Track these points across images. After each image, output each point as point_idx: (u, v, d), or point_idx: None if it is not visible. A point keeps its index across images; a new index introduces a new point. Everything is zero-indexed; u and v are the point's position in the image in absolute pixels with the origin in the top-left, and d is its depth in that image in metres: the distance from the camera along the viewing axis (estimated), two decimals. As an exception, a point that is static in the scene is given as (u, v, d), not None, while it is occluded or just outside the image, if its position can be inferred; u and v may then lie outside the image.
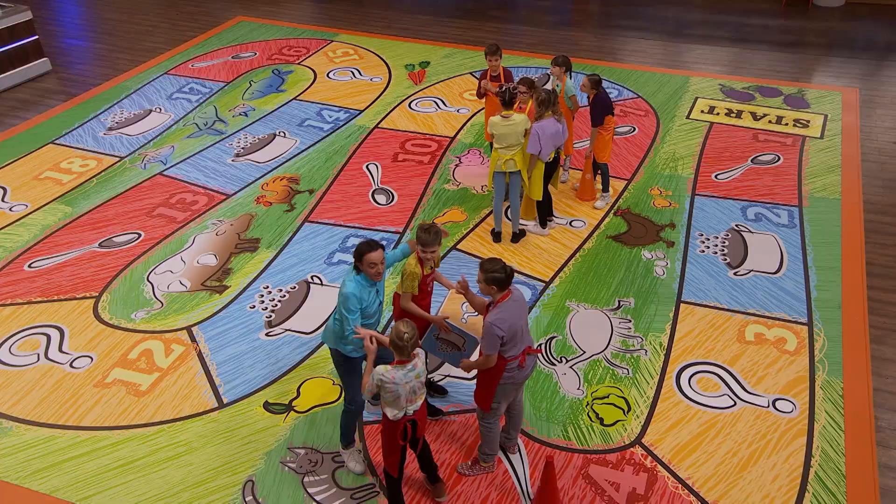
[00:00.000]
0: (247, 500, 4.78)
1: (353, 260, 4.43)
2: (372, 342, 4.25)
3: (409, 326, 4.04)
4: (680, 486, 4.83)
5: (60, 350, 5.98)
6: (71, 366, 5.83)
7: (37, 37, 10.72)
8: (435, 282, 5.13)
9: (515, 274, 6.66)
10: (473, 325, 4.85)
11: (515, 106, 6.60)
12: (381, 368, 4.08)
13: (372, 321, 4.61)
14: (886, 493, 4.80)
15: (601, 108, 7.17)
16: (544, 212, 7.22)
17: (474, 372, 4.87)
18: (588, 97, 7.25)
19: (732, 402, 5.43)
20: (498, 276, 4.30)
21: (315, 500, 4.78)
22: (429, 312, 5.02)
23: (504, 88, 6.51)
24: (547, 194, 7.16)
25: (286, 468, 4.99)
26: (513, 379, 4.47)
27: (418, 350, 4.19)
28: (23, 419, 5.39)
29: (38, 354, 5.94)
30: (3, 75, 10.31)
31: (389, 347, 4.11)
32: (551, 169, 7.00)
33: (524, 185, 6.86)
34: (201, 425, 5.32)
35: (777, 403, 5.41)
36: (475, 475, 4.88)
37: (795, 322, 6.15)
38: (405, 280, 4.82)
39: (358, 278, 4.42)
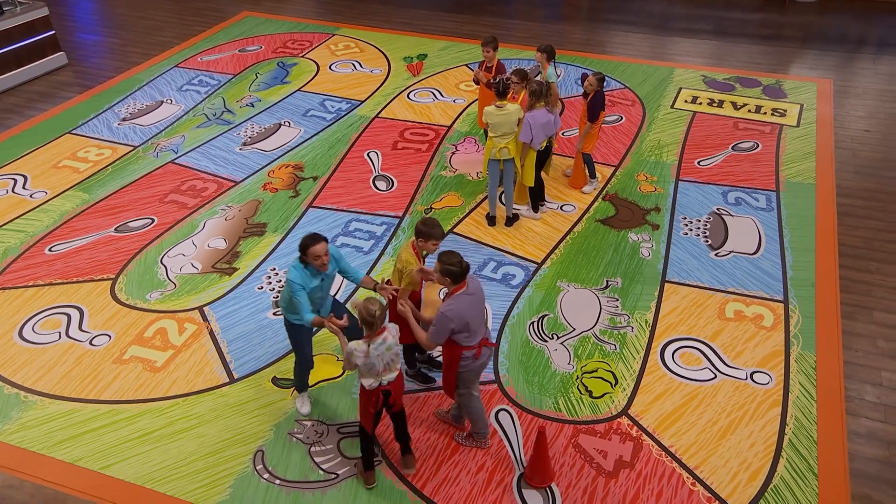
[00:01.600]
0: (257, 468, 4.80)
1: (299, 253, 4.49)
2: (331, 326, 4.36)
3: (377, 304, 4.03)
4: (664, 453, 4.86)
5: (80, 329, 5.97)
6: (90, 343, 5.83)
7: (53, 32, 10.59)
8: None
9: (509, 255, 6.69)
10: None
11: (509, 96, 6.56)
12: (352, 344, 4.11)
13: (315, 308, 4.66)
14: (854, 457, 4.84)
15: (600, 105, 7.09)
16: (537, 197, 7.20)
17: None
18: (589, 94, 7.10)
19: (713, 375, 5.45)
20: (453, 270, 4.22)
21: (321, 468, 4.80)
22: (420, 298, 5.09)
23: (498, 80, 6.46)
24: (539, 181, 7.13)
25: (294, 439, 5.00)
26: (468, 367, 4.46)
27: (389, 325, 4.19)
28: (46, 393, 5.39)
29: (60, 333, 5.93)
30: (22, 69, 10.19)
31: (360, 325, 4.11)
32: (544, 157, 6.96)
33: (517, 171, 6.83)
34: (213, 399, 5.32)
35: (754, 376, 5.43)
36: (469, 447, 4.90)
37: (772, 300, 6.16)
38: (405, 278, 4.72)
39: (300, 267, 4.50)
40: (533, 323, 5.96)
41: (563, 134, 8.59)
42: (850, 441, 4.95)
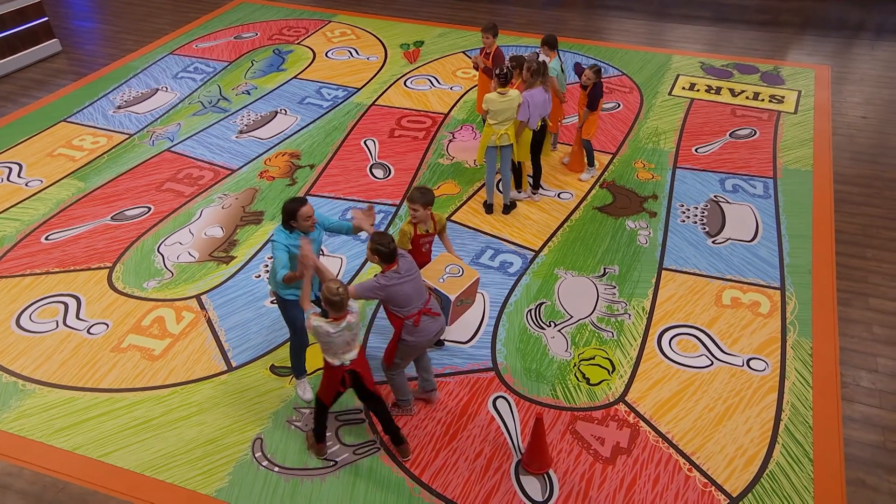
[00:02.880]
0: (256, 456, 4.82)
1: (283, 219, 4.61)
2: (305, 265, 4.39)
3: (339, 283, 4.10)
4: (660, 439, 4.89)
5: (78, 317, 5.97)
6: (88, 332, 5.83)
7: (46, 18, 10.50)
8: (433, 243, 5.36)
9: (507, 243, 6.69)
10: (451, 283, 4.89)
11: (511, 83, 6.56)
12: (317, 321, 4.15)
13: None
14: (849, 442, 4.87)
15: (599, 94, 7.11)
16: (536, 178, 7.22)
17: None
18: (588, 87, 7.13)
19: (710, 362, 5.47)
20: (381, 250, 4.42)
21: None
22: (429, 260, 5.23)
23: (504, 71, 6.42)
24: (537, 166, 7.14)
25: (292, 426, 5.02)
26: (409, 341, 4.58)
27: (353, 306, 4.22)
28: (45, 381, 5.40)
29: (57, 322, 5.92)
30: (15, 56, 10.11)
31: (324, 306, 4.15)
32: (540, 137, 6.95)
33: (515, 153, 6.80)
34: (212, 387, 5.34)
35: (751, 362, 5.46)
36: (396, 416, 5.00)
37: (769, 287, 6.18)
38: (398, 237, 5.08)
39: (285, 232, 4.62)
40: (530, 310, 5.97)
41: (562, 122, 8.56)
42: (846, 426, 4.98)
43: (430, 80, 9.70)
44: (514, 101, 6.42)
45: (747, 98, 9.18)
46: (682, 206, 7.21)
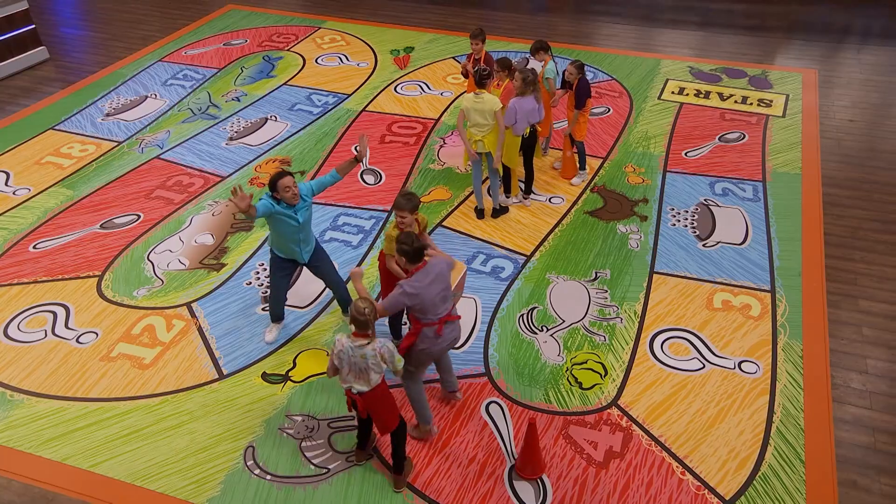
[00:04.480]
0: (248, 464, 4.80)
1: (269, 188, 4.98)
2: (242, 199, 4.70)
3: (367, 304, 4.04)
4: (653, 443, 4.90)
5: (67, 326, 5.92)
6: (77, 341, 5.79)
7: (34, 26, 10.46)
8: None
9: (499, 248, 6.70)
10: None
11: (494, 84, 6.58)
12: (341, 334, 4.15)
13: (295, 242, 5.22)
14: (840, 443, 4.90)
15: (585, 92, 7.15)
16: (528, 183, 7.25)
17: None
18: (572, 83, 7.19)
19: (701, 365, 5.50)
20: (405, 249, 4.35)
21: (312, 463, 4.80)
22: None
23: (476, 69, 6.48)
24: (530, 171, 7.17)
25: (284, 434, 5.00)
26: (428, 347, 4.48)
27: (383, 341, 4.10)
28: (33, 392, 5.35)
29: (46, 331, 5.88)
30: (2, 63, 10.06)
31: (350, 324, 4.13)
32: (531, 142, 6.98)
33: (496, 160, 6.81)
34: (203, 395, 5.31)
35: (742, 365, 5.49)
36: (417, 438, 4.90)
37: (759, 289, 6.22)
38: (385, 241, 5.14)
39: (272, 199, 4.96)
40: (522, 315, 5.98)
41: (554, 125, 8.59)
42: (837, 428, 5.02)
43: (420, 86, 9.73)
44: (486, 104, 6.40)
45: (736, 102, 9.25)
46: (673, 209, 7.25)
